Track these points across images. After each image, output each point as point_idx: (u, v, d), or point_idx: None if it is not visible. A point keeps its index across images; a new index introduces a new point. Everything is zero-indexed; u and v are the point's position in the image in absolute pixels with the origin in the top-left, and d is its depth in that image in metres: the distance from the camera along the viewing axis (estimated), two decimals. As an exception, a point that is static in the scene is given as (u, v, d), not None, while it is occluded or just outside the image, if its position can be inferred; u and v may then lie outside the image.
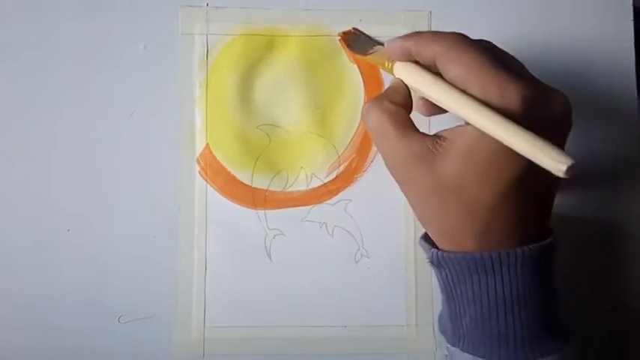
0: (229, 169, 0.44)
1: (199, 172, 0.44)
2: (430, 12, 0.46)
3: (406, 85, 0.32)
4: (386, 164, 0.31)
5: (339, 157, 0.45)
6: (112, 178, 0.44)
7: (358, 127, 0.45)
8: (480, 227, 0.29)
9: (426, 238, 0.33)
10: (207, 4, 0.45)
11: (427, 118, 0.37)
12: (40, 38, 0.45)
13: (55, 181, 0.44)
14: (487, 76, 0.27)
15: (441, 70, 0.29)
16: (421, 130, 0.31)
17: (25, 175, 0.44)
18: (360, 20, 0.45)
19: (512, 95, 0.27)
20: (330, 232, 0.44)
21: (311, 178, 0.45)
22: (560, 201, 0.44)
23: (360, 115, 0.45)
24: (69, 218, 0.43)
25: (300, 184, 0.45)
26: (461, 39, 0.29)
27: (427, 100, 0.32)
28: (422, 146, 0.29)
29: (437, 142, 0.29)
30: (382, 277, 0.44)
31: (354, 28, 0.36)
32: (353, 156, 0.45)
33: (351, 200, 0.44)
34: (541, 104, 0.28)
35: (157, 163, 0.44)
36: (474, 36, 0.45)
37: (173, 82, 0.45)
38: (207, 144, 0.44)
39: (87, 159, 0.44)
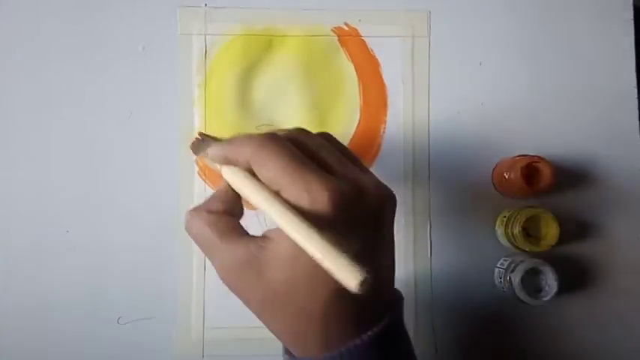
0: (228, 169, 0.44)
1: (198, 173, 0.44)
2: (429, 12, 0.46)
3: (232, 191, 0.31)
4: (217, 274, 0.30)
5: (338, 157, 0.45)
6: (110, 178, 0.44)
7: (357, 127, 0.45)
8: (319, 329, 0.28)
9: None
10: (206, 5, 0.45)
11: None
12: (38, 39, 0.44)
13: (54, 182, 0.44)
14: (295, 180, 0.27)
15: (257, 174, 0.29)
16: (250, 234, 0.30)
17: (24, 176, 0.44)
18: (360, 20, 0.45)
19: (321, 199, 0.26)
20: (330, 233, 0.44)
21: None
22: (560, 201, 0.44)
23: (359, 114, 0.45)
24: (68, 219, 0.43)
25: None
26: (268, 140, 0.28)
27: None
28: (247, 253, 0.28)
29: (262, 245, 0.28)
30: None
31: (199, 133, 0.36)
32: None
33: (350, 200, 0.44)
34: (352, 202, 0.28)
35: (156, 164, 0.44)
36: (474, 36, 0.45)
37: (172, 82, 0.45)
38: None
39: (86, 159, 0.44)
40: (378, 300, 0.30)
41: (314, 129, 0.44)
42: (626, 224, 0.45)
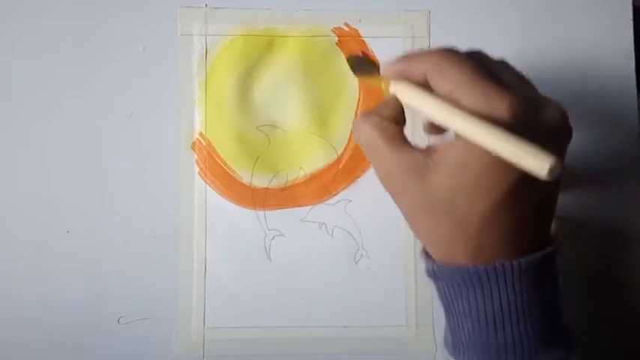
0: (229, 169, 0.44)
1: (198, 173, 0.44)
2: (429, 12, 0.46)
3: (399, 102, 0.32)
4: (379, 178, 0.31)
5: (338, 157, 0.45)
6: (111, 179, 0.44)
7: (358, 127, 0.45)
8: (473, 241, 0.29)
9: (426, 250, 0.33)
10: (206, 5, 0.45)
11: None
12: (38, 39, 0.44)
13: (55, 182, 0.44)
14: (474, 90, 0.27)
15: (433, 87, 0.29)
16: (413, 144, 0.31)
17: (25, 177, 0.44)
18: (360, 20, 0.45)
19: (500, 106, 0.27)
20: (330, 233, 0.44)
21: (310, 178, 0.45)
22: (560, 201, 0.44)
23: (356, 114, 0.45)
24: (68, 220, 0.43)
25: (300, 184, 0.44)
26: (448, 54, 0.29)
27: (431, 124, 0.32)
28: (412, 159, 0.29)
29: (428, 155, 0.29)
30: (382, 278, 0.44)
31: (362, 52, 0.37)
32: (352, 156, 0.45)
33: (350, 200, 0.44)
34: (531, 114, 0.28)
35: (156, 164, 0.44)
36: (473, 35, 0.46)
37: (172, 82, 0.45)
38: (207, 145, 0.44)
39: (86, 160, 0.44)
40: (536, 227, 0.31)
41: (314, 129, 0.45)
42: (627, 224, 0.45)
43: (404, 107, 0.32)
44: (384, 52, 0.45)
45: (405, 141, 0.30)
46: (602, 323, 0.44)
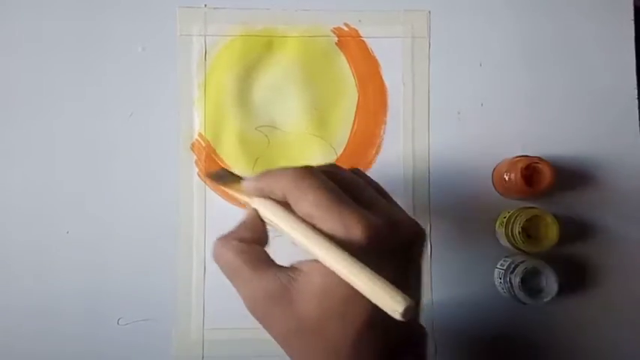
0: (228, 170, 0.44)
1: (198, 174, 0.44)
2: (429, 12, 0.46)
3: (259, 220, 0.31)
4: (244, 303, 0.30)
5: (337, 157, 0.45)
6: (111, 179, 0.44)
7: (356, 127, 0.45)
8: None
9: None
10: (205, 5, 0.45)
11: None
12: (39, 40, 0.44)
13: (55, 182, 0.44)
14: (331, 214, 0.27)
15: (293, 207, 0.29)
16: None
17: (25, 177, 0.44)
18: (360, 20, 0.45)
19: (355, 231, 0.27)
20: (330, 234, 0.44)
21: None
22: (561, 202, 0.44)
23: (359, 115, 0.45)
24: (68, 220, 0.43)
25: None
26: (305, 174, 0.29)
27: None
28: (277, 284, 0.28)
29: (293, 277, 0.28)
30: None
31: (222, 169, 0.39)
32: (352, 157, 0.45)
33: (350, 201, 0.44)
34: (385, 233, 0.28)
35: (155, 165, 0.44)
36: (474, 36, 0.45)
37: (171, 83, 0.44)
38: (206, 145, 0.44)
39: (86, 160, 0.44)
40: (406, 335, 0.30)
41: (314, 129, 0.45)
42: (627, 225, 0.45)
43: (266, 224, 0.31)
44: (384, 52, 0.45)
45: (268, 263, 0.29)
46: (602, 324, 0.44)
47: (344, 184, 0.30)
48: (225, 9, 0.45)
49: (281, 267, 0.29)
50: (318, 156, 0.44)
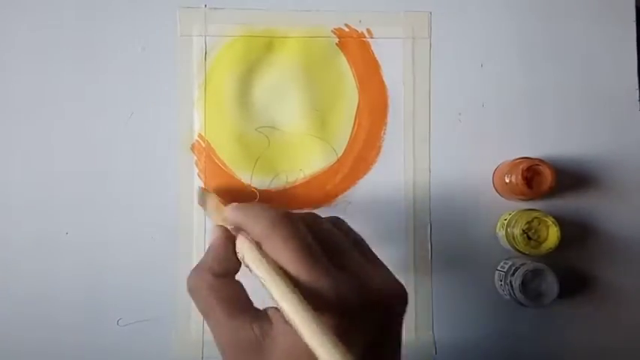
0: (228, 171, 0.44)
1: (198, 174, 0.44)
2: (430, 13, 0.45)
3: (229, 246, 0.31)
4: (215, 341, 0.29)
5: (338, 159, 0.45)
6: (111, 179, 0.44)
7: (357, 128, 0.45)
8: None
9: None
10: (206, 6, 0.45)
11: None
12: (39, 40, 0.44)
13: (54, 183, 0.44)
14: (302, 270, 0.27)
15: (265, 251, 0.29)
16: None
17: (25, 177, 0.44)
18: (360, 21, 0.45)
19: (324, 292, 0.27)
20: (329, 235, 0.44)
21: (310, 180, 0.44)
22: (561, 204, 0.44)
23: (359, 116, 0.45)
24: (68, 221, 0.43)
25: (300, 186, 0.44)
26: (282, 222, 0.29)
27: None
28: (249, 335, 0.28)
29: (264, 330, 0.28)
30: (381, 280, 0.44)
31: (201, 188, 0.40)
32: (352, 158, 0.45)
33: (350, 202, 0.44)
34: (356, 298, 0.28)
35: (155, 165, 0.44)
36: (475, 37, 0.45)
37: (172, 83, 0.44)
38: (206, 146, 0.44)
39: (86, 160, 0.44)
40: None
41: (314, 130, 0.45)
42: (627, 227, 0.44)
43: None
44: (384, 53, 0.45)
45: (242, 307, 0.29)
46: (603, 326, 0.44)
47: (321, 237, 0.29)
48: (225, 9, 0.45)
49: (256, 312, 0.29)
50: (318, 157, 0.44)
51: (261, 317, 0.29)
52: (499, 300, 0.44)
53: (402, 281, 0.43)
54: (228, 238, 0.31)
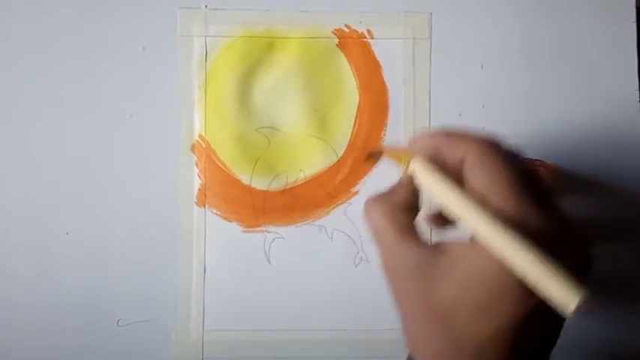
0: (228, 171, 0.44)
1: (198, 175, 0.44)
2: (431, 14, 0.45)
3: (414, 186, 0.29)
4: (382, 267, 0.28)
5: (338, 159, 0.45)
6: (111, 180, 0.44)
7: (357, 129, 0.45)
8: None
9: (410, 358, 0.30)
10: (206, 6, 0.45)
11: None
12: (39, 40, 0.44)
13: (54, 183, 0.44)
14: (511, 193, 0.25)
15: (466, 175, 0.27)
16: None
17: (25, 177, 0.44)
18: (360, 22, 0.45)
19: (534, 221, 0.25)
20: (330, 236, 0.44)
21: (310, 180, 0.44)
22: (562, 204, 0.44)
23: (360, 116, 0.45)
24: (68, 221, 0.43)
25: (300, 186, 0.44)
26: (494, 146, 0.27)
27: (439, 215, 0.30)
28: (420, 259, 0.26)
29: (438, 255, 0.26)
30: (381, 281, 0.43)
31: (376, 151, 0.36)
32: (352, 159, 0.45)
33: (350, 203, 0.44)
34: (563, 237, 0.26)
35: (156, 165, 0.44)
36: (475, 37, 0.45)
37: (172, 84, 0.44)
38: (206, 146, 0.44)
39: (86, 161, 0.44)
40: (551, 340, 0.28)
41: (315, 131, 0.45)
42: (628, 227, 0.44)
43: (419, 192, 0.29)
44: (385, 53, 0.45)
45: (415, 235, 0.27)
46: (604, 326, 0.44)
47: (528, 172, 0.27)
48: (225, 10, 0.45)
49: (430, 243, 0.27)
50: (318, 157, 0.44)
51: (435, 246, 0.27)
52: (499, 300, 0.44)
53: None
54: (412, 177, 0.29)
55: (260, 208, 0.44)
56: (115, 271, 0.43)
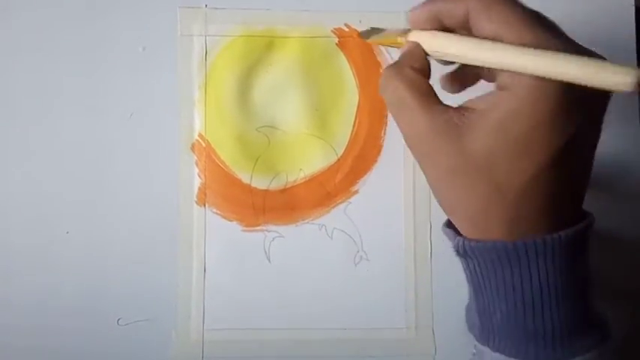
0: (228, 171, 0.44)
1: (198, 174, 0.44)
2: (430, 13, 0.45)
3: (423, 51, 0.29)
4: (404, 139, 0.28)
5: (338, 158, 0.45)
6: (110, 180, 0.44)
7: (357, 128, 0.45)
8: (511, 212, 0.26)
9: (449, 224, 0.30)
10: (206, 5, 0.45)
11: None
12: (39, 40, 0.44)
13: (54, 183, 0.44)
14: (524, 31, 0.25)
15: (474, 26, 0.26)
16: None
17: (25, 177, 0.44)
18: (360, 21, 0.45)
19: (551, 42, 0.25)
20: (330, 235, 0.44)
21: (310, 179, 0.44)
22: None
23: (360, 116, 0.45)
24: (68, 220, 0.43)
25: (300, 185, 0.44)
26: None
27: (453, 75, 0.30)
28: (446, 120, 0.26)
29: (464, 114, 0.26)
30: (381, 280, 0.44)
31: (371, 28, 0.35)
32: (352, 158, 0.45)
33: (350, 202, 0.44)
34: (581, 52, 0.26)
35: (155, 165, 0.44)
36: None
37: (172, 83, 0.44)
38: (207, 146, 0.44)
39: (86, 161, 0.44)
40: (574, 198, 0.29)
41: (314, 130, 0.45)
42: (628, 228, 0.44)
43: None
44: (384, 52, 0.45)
45: (436, 98, 0.27)
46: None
47: (530, 9, 0.28)
48: (225, 9, 0.45)
49: (450, 106, 0.27)
50: (318, 156, 0.44)
51: (460, 106, 0.27)
52: (499, 299, 0.44)
53: (402, 280, 0.44)
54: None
55: (260, 207, 0.44)
56: (116, 269, 0.43)
